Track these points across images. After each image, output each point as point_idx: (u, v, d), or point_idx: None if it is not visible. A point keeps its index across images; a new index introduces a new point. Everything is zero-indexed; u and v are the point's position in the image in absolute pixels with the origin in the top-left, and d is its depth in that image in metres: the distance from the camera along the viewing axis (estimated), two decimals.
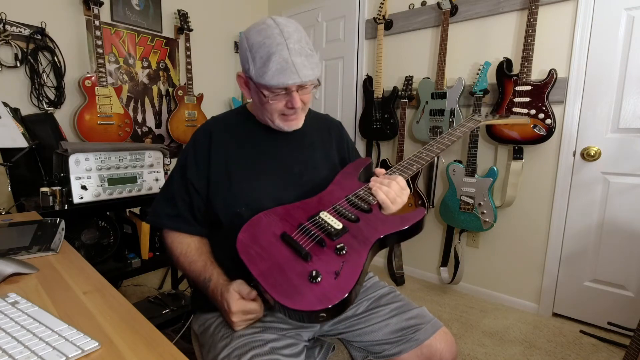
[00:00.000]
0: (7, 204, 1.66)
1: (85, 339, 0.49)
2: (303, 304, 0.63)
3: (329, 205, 0.84)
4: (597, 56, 1.75)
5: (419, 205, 2.27)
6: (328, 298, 0.63)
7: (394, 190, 0.84)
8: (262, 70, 0.77)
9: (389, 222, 0.80)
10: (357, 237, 0.75)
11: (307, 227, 0.78)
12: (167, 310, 1.65)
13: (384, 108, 2.41)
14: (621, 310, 1.79)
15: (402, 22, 2.36)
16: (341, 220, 0.79)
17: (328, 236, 0.75)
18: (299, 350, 0.79)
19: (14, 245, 0.85)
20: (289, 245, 0.74)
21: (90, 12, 2.07)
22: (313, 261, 0.70)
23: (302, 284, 0.66)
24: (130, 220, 1.63)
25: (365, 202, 0.84)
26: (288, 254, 0.72)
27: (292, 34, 0.78)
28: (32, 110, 1.98)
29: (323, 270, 0.68)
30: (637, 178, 1.72)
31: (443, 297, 2.23)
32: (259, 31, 0.79)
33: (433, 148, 1.00)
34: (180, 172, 0.91)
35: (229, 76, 3.03)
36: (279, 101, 0.83)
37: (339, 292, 0.64)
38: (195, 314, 0.94)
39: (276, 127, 0.89)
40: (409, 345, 0.82)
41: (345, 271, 0.68)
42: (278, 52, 0.76)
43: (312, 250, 0.72)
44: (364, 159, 1.03)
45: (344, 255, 0.71)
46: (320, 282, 0.66)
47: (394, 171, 0.92)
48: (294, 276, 0.68)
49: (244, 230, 0.77)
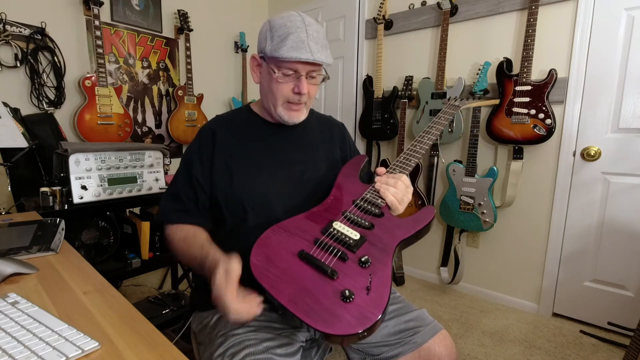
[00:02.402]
0: (7, 204, 1.66)
1: (85, 339, 0.49)
2: (343, 327, 0.60)
3: (339, 213, 0.81)
4: (597, 56, 1.75)
5: (419, 206, 2.27)
6: (367, 317, 0.61)
7: (401, 190, 0.84)
8: (278, 46, 0.80)
9: (403, 225, 0.78)
10: (377, 245, 0.74)
11: (324, 241, 0.74)
12: (167, 310, 1.65)
13: (384, 108, 2.41)
14: (621, 310, 1.79)
15: (402, 22, 2.36)
16: (356, 229, 0.77)
17: (348, 249, 0.73)
18: (294, 350, 0.79)
19: (14, 245, 0.85)
20: (310, 264, 0.70)
21: (90, 12, 2.07)
22: (340, 278, 0.67)
23: (336, 306, 0.63)
24: (130, 220, 1.63)
25: (375, 205, 0.82)
26: (312, 274, 0.68)
27: (313, 25, 0.84)
28: (32, 110, 1.98)
29: (353, 287, 0.65)
30: (637, 178, 1.72)
31: (443, 297, 2.23)
32: (283, 17, 0.84)
33: (424, 140, 0.99)
34: (185, 169, 0.91)
35: (229, 76, 3.03)
36: (287, 83, 0.84)
37: (376, 308, 0.62)
38: (195, 312, 0.94)
39: (277, 116, 0.89)
40: (407, 348, 0.82)
41: (375, 284, 0.66)
42: (297, 32, 0.80)
43: (336, 266, 0.69)
44: (359, 157, 1.01)
45: (369, 268, 0.69)
46: (354, 300, 0.63)
47: (395, 168, 0.91)
48: (325, 298, 0.64)
49: (255, 253, 0.72)
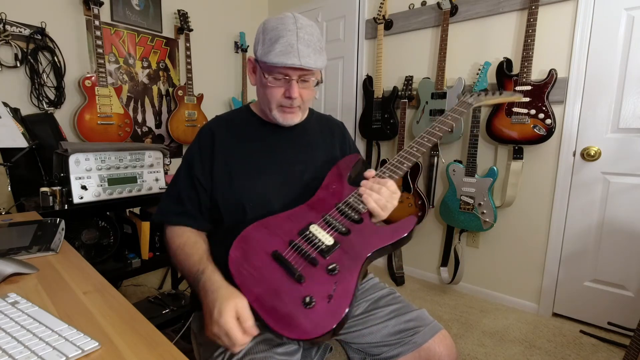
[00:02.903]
0: (7, 204, 1.66)
1: (85, 339, 0.49)
2: (298, 332, 0.63)
3: (319, 215, 0.82)
4: (597, 56, 1.75)
5: (419, 205, 2.27)
6: (322, 326, 0.64)
7: (384, 197, 0.81)
8: (268, 50, 0.80)
9: (380, 233, 0.77)
10: (349, 253, 0.74)
11: (298, 244, 0.76)
12: (167, 310, 1.65)
13: (384, 108, 2.41)
14: (621, 310, 1.79)
15: (402, 22, 2.36)
16: (332, 233, 0.77)
17: (320, 254, 0.74)
18: (294, 349, 0.79)
19: (14, 245, 0.85)
20: (281, 265, 0.72)
21: (90, 12, 2.07)
22: (306, 283, 0.69)
23: (297, 310, 0.66)
24: (130, 220, 1.63)
25: (356, 210, 0.81)
26: (281, 276, 0.71)
27: (306, 27, 0.82)
28: (32, 110, 1.98)
29: (316, 293, 0.67)
30: (637, 178, 1.72)
31: (443, 297, 2.23)
32: (277, 19, 0.83)
33: (423, 142, 0.95)
34: (186, 169, 0.91)
35: (229, 76, 3.03)
36: (278, 87, 0.84)
37: (332, 317, 0.64)
38: (195, 312, 0.94)
39: (273, 118, 0.89)
40: (407, 348, 0.82)
41: (337, 294, 0.67)
42: (287, 36, 0.79)
43: (304, 270, 0.71)
44: (352, 156, 0.99)
45: (336, 276, 0.70)
46: (314, 307, 0.66)
47: (385, 172, 0.89)
48: (289, 301, 0.67)
49: (235, 247, 0.75)
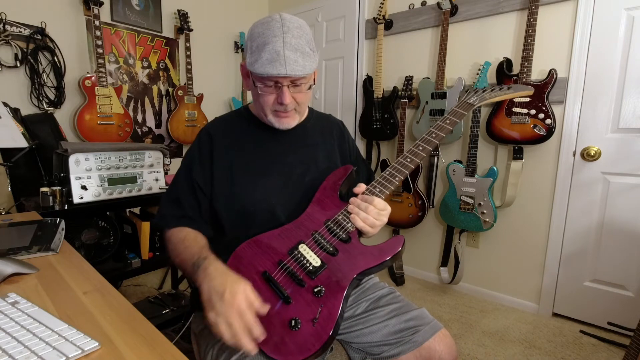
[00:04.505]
0: (7, 204, 1.66)
1: (85, 339, 0.49)
2: (285, 354, 0.66)
3: (309, 233, 0.83)
4: (597, 56, 1.75)
5: (419, 206, 2.27)
6: (307, 348, 0.66)
7: (372, 215, 0.80)
8: (255, 58, 0.78)
9: (368, 254, 0.77)
10: (335, 275, 0.75)
11: (287, 264, 0.77)
12: (167, 310, 1.66)
13: (384, 108, 2.41)
14: (621, 310, 1.80)
15: (402, 22, 2.36)
16: (320, 253, 0.78)
17: (308, 275, 0.75)
18: None
19: (14, 245, 0.85)
20: (271, 287, 0.75)
21: (90, 12, 2.07)
22: (293, 305, 0.72)
23: (284, 332, 0.68)
24: (130, 220, 1.63)
25: (344, 229, 0.81)
26: (271, 297, 0.73)
27: (293, 29, 0.78)
28: (32, 110, 1.98)
29: (302, 316, 0.70)
30: (637, 178, 1.72)
31: (443, 297, 2.23)
32: (263, 23, 0.80)
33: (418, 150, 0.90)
34: (185, 173, 0.90)
35: (229, 76, 3.03)
36: (269, 94, 0.83)
37: (317, 340, 0.67)
38: (195, 313, 0.94)
39: (269, 122, 0.89)
40: (407, 347, 0.82)
41: (322, 317, 0.69)
42: (272, 43, 0.77)
43: (293, 292, 0.73)
44: (343, 168, 0.95)
45: (321, 298, 0.72)
46: (300, 329, 0.68)
47: (376, 186, 0.86)
48: (278, 323, 0.70)
49: (229, 265, 0.77)
